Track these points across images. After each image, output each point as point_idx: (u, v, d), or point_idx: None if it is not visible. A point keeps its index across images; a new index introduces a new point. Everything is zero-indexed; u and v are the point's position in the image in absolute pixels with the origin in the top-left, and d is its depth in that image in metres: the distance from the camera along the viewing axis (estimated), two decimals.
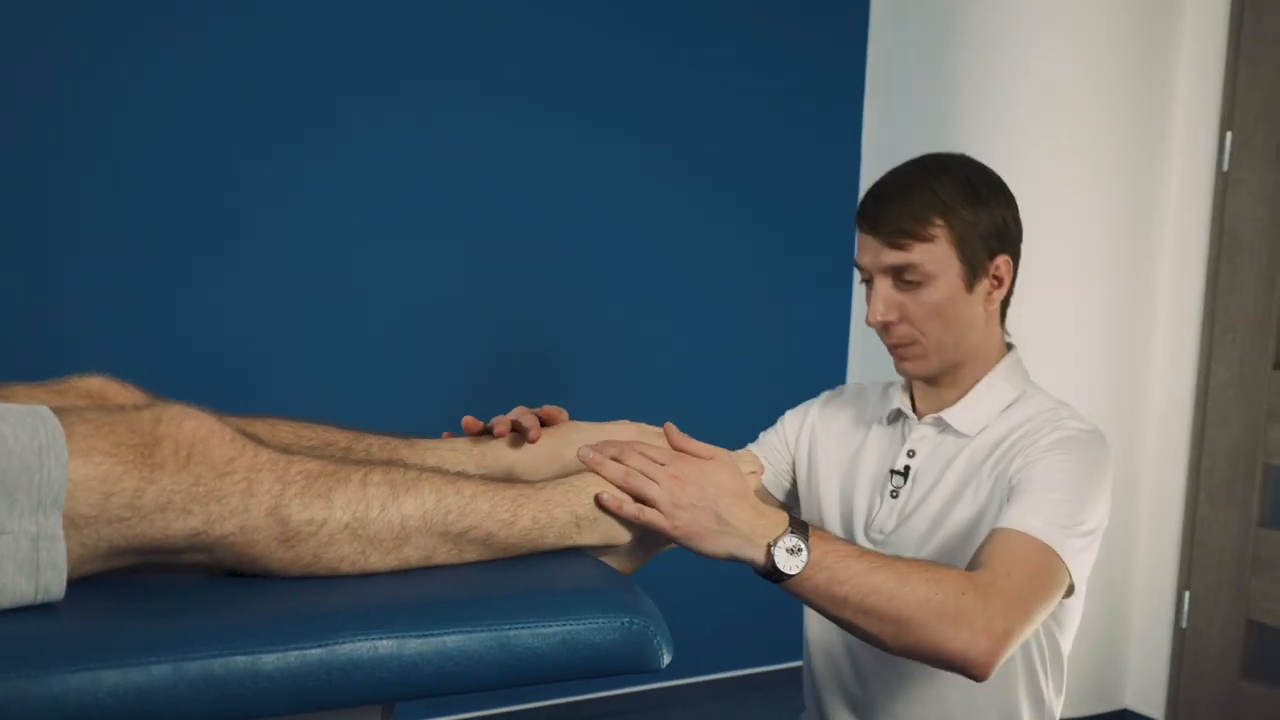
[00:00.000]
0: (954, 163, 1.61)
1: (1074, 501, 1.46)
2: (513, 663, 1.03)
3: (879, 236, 1.57)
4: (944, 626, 1.29)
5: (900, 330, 1.59)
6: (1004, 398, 1.63)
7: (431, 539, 1.11)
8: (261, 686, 0.93)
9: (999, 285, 1.60)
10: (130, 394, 1.20)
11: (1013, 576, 1.35)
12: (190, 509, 0.99)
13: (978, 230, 1.56)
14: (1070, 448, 1.51)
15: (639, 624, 1.08)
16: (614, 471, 1.27)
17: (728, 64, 3.38)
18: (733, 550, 1.29)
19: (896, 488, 1.65)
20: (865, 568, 1.30)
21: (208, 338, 2.76)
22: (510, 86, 3.07)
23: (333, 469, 1.07)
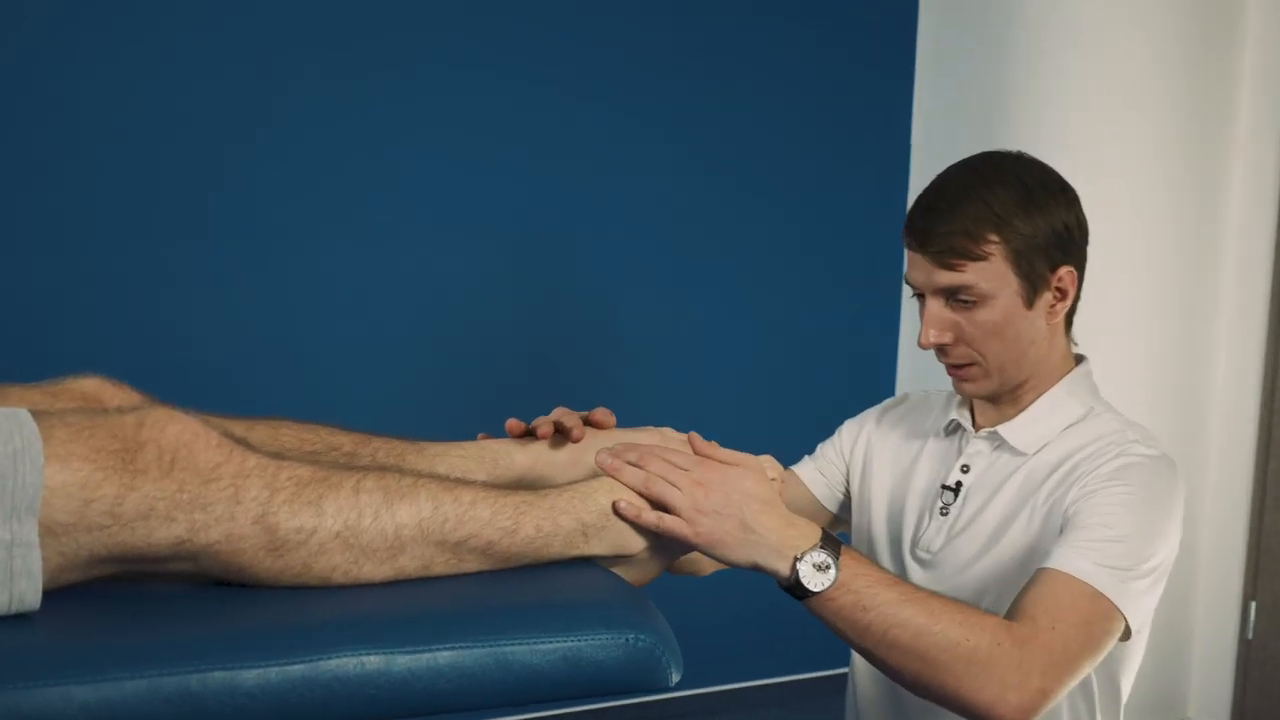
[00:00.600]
0: (1008, 165, 1.49)
1: (1134, 539, 1.36)
2: (510, 681, 0.99)
3: (929, 255, 1.46)
4: (972, 675, 1.22)
5: (957, 352, 1.50)
6: (1067, 415, 1.52)
7: (428, 548, 1.07)
8: (240, 703, 0.89)
9: (1062, 298, 1.49)
10: (126, 395, 1.17)
11: (1057, 629, 1.27)
12: (174, 517, 0.96)
13: (1036, 242, 1.45)
14: (1133, 477, 1.41)
15: (645, 641, 1.03)
16: (633, 477, 1.21)
17: (770, 60, 3.31)
18: (757, 560, 1.24)
19: (946, 504, 1.56)
20: (895, 598, 1.24)
21: (221, 339, 2.73)
22: (543, 81, 3.01)
23: (324, 475, 1.03)
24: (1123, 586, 1.32)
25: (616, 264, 3.17)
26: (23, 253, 2.55)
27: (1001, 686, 1.21)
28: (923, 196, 1.51)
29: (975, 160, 1.53)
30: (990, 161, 1.51)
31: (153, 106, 2.64)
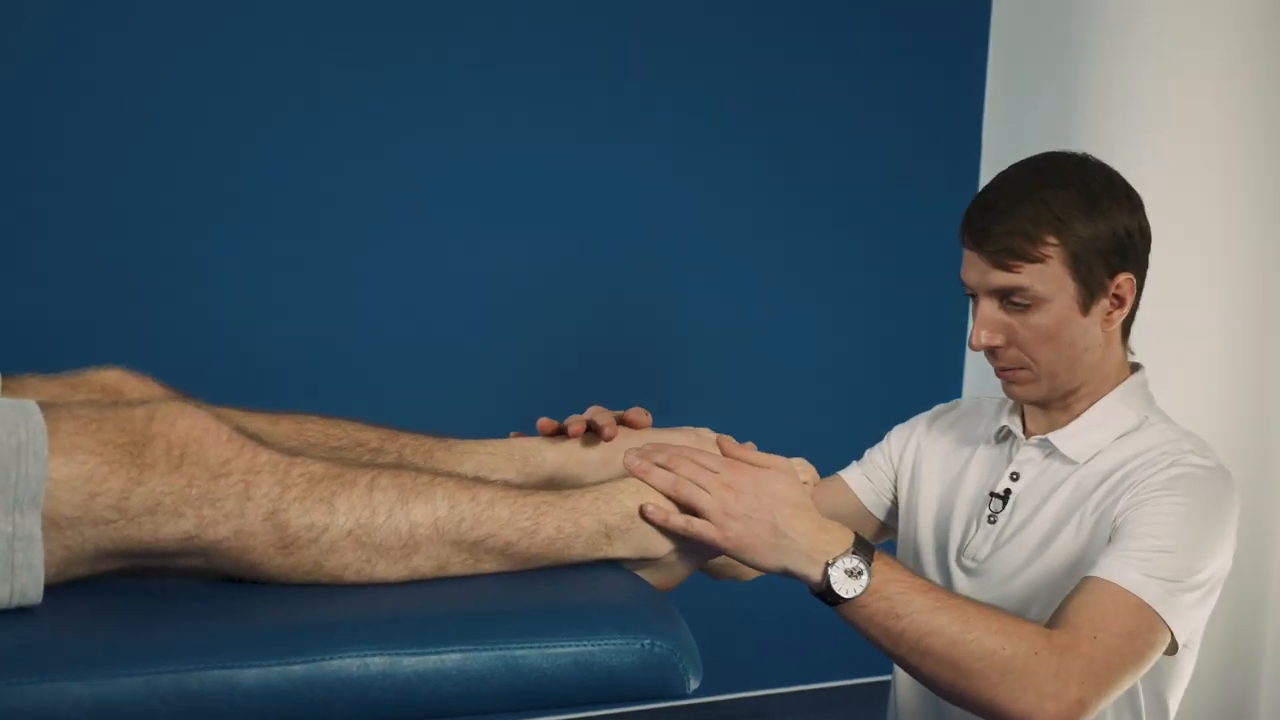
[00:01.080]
0: (1070, 166, 1.45)
1: (1185, 551, 1.31)
2: (519, 685, 0.96)
3: (984, 255, 1.43)
4: (1008, 685, 1.18)
5: (1008, 355, 1.46)
6: (1121, 424, 1.47)
7: (444, 548, 1.05)
8: (239, 703, 0.88)
9: (1119, 305, 1.45)
10: (148, 387, 1.16)
11: (1099, 639, 1.22)
12: (182, 512, 0.94)
13: (1095, 247, 1.40)
14: (1186, 487, 1.36)
15: (662, 646, 1.00)
16: (662, 479, 1.18)
17: (836, 61, 3.26)
18: (788, 565, 1.20)
19: (995, 512, 1.51)
20: (929, 604, 1.20)
21: (260, 334, 2.73)
22: (598, 78, 2.99)
23: (338, 472, 1.01)
24: (1170, 599, 1.27)
25: (671, 264, 3.14)
26: (62, 246, 2.57)
27: (1038, 695, 1.17)
28: (982, 195, 1.48)
29: (1038, 160, 1.49)
30: (1053, 162, 1.47)
31: (187, 97, 2.64)
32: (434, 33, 2.84)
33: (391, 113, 2.81)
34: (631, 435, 1.32)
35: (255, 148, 2.71)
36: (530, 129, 2.93)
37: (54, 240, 2.56)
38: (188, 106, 2.64)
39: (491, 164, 2.91)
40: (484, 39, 2.87)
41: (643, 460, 1.19)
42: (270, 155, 2.72)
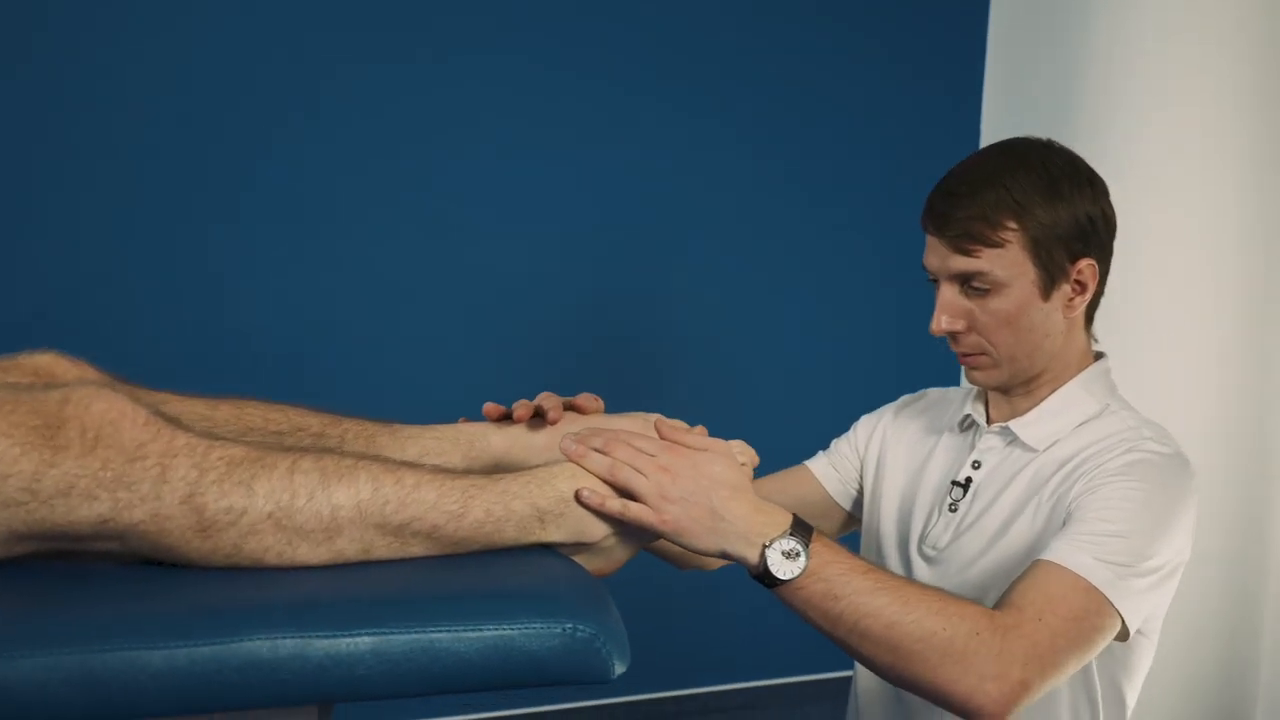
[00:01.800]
0: (1034, 152, 1.45)
1: (1138, 536, 1.30)
2: (435, 669, 0.95)
3: (945, 240, 1.43)
4: (948, 666, 1.16)
5: (968, 340, 1.46)
6: (1082, 411, 1.47)
7: (368, 531, 1.04)
8: (145, 685, 0.87)
9: (1081, 291, 1.44)
10: (81, 371, 1.16)
11: (1044, 620, 1.21)
12: (96, 495, 0.94)
13: (1056, 232, 1.40)
14: (1141, 473, 1.35)
15: (585, 631, 0.99)
16: (597, 464, 1.17)
17: (835, 54, 3.25)
18: (725, 548, 1.19)
19: (955, 500, 1.51)
20: (868, 585, 1.19)
21: (261, 327, 2.75)
22: (604, 77, 2.99)
23: (258, 455, 1.01)
24: (1120, 584, 1.26)
25: (671, 260, 3.14)
26: (65, 239, 2.59)
27: (979, 677, 1.16)
28: (944, 180, 1.47)
29: (1001, 146, 1.49)
30: (1015, 148, 1.46)
31: (197, 91, 2.66)
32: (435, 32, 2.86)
33: (392, 109, 2.81)
34: (578, 420, 1.32)
35: (258, 144, 2.72)
36: (529, 126, 2.93)
37: (57, 235, 2.58)
38: (197, 103, 2.66)
39: (492, 161, 2.91)
40: (485, 37, 2.88)
41: (579, 444, 1.18)
42: (274, 152, 2.74)
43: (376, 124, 2.81)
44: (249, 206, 2.73)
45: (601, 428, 1.23)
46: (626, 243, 3.09)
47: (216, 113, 2.68)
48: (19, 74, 2.50)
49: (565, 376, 2.93)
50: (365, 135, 2.80)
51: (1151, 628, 1.41)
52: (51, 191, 2.57)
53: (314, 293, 2.80)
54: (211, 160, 2.69)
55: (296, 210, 2.77)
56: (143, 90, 2.61)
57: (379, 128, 2.81)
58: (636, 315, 3.14)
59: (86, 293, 2.61)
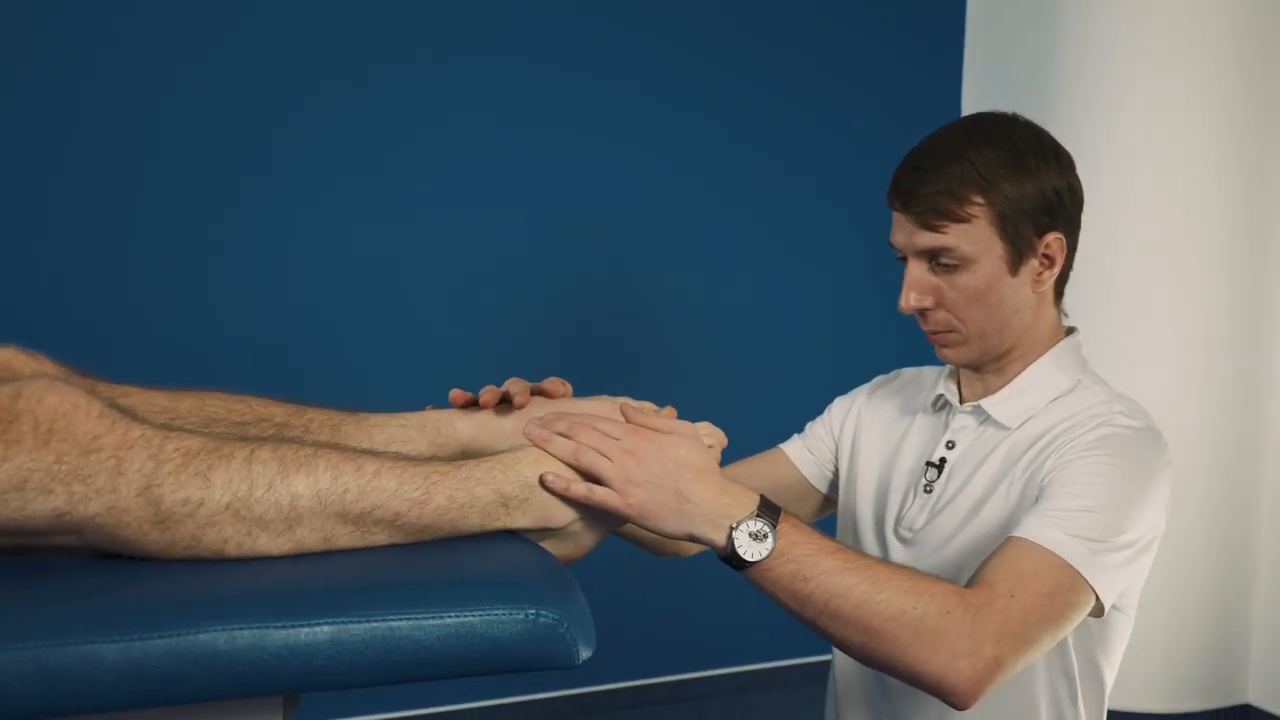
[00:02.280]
0: (999, 126, 1.44)
1: (1110, 511, 1.29)
2: (396, 658, 0.95)
3: (911, 216, 1.42)
4: (919, 645, 1.15)
5: (937, 317, 1.45)
6: (1054, 387, 1.46)
7: (328, 520, 1.04)
8: (101, 679, 0.87)
9: (1049, 265, 1.43)
10: (39, 365, 1.15)
11: (1016, 597, 1.20)
12: (50, 488, 0.94)
13: (1023, 206, 1.39)
14: (1114, 447, 1.34)
15: (548, 616, 0.99)
16: (562, 448, 1.16)
17: (816, 37, 3.24)
18: (692, 530, 1.19)
19: (930, 481, 1.50)
20: (837, 565, 1.18)
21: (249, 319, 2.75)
22: (568, 54, 2.99)
23: (215, 446, 1.00)
24: (1094, 559, 1.25)
25: (652, 248, 3.14)
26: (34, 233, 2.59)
27: (951, 655, 1.15)
28: (909, 156, 1.46)
29: (966, 121, 1.48)
30: (981, 123, 1.46)
31: (185, 87, 2.66)
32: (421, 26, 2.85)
33: (378, 100, 2.81)
34: (545, 405, 1.31)
35: (240, 135, 2.72)
36: (506, 117, 2.93)
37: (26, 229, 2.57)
38: (188, 101, 2.65)
39: (469, 151, 2.91)
40: (470, 31, 2.88)
41: (543, 429, 1.18)
42: (257, 142, 2.73)
43: (361, 116, 2.81)
44: (226, 196, 2.72)
45: (566, 412, 1.22)
46: (602, 229, 3.08)
47: (193, 103, 2.67)
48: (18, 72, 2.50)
49: (542, 363, 2.92)
50: (349, 128, 2.80)
51: (1127, 603, 1.40)
52: (19, 184, 2.56)
53: (294, 283, 2.79)
54: (188, 151, 2.68)
55: (276, 200, 2.76)
56: (129, 84, 2.61)
57: (363, 120, 2.81)
58: (611, 301, 3.13)
59: (56, 287, 2.60)
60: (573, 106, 3.00)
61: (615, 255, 3.11)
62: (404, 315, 2.90)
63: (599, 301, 3.10)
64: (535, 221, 3.00)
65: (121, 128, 2.61)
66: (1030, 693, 1.41)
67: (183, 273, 2.70)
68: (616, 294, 3.12)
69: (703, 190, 3.17)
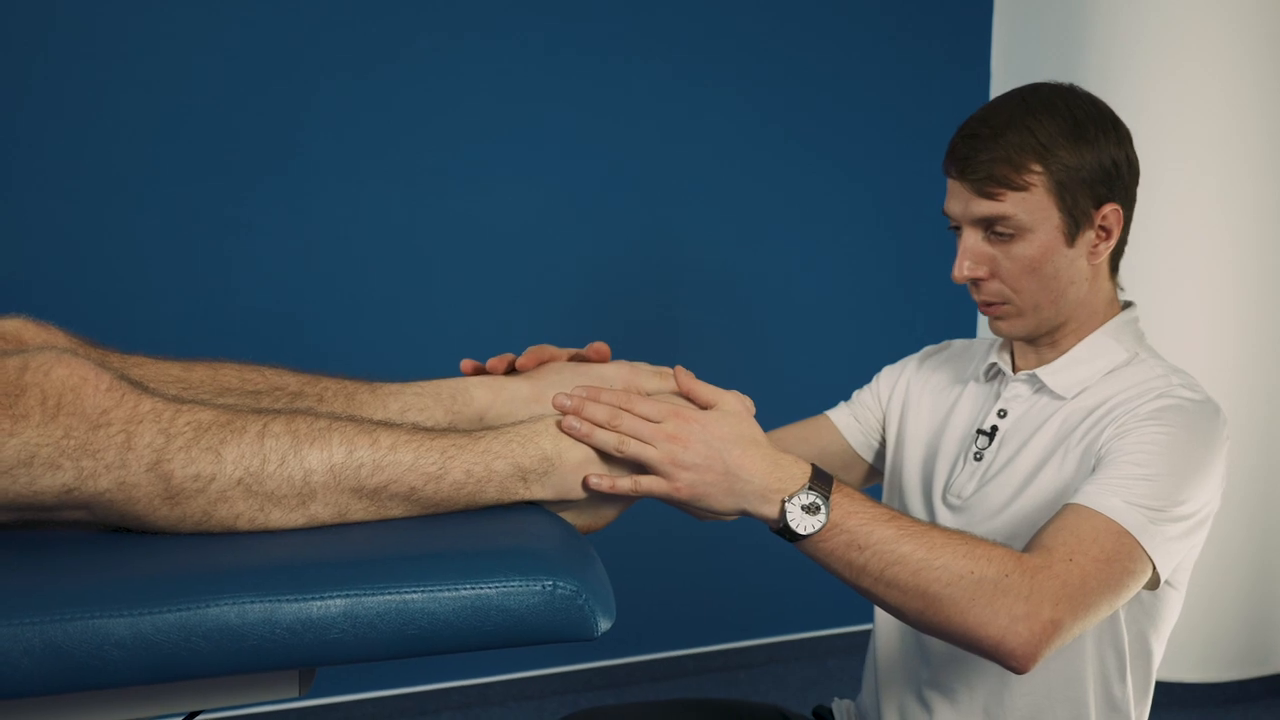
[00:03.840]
0: (1058, 96, 1.41)
1: (1168, 480, 1.26)
2: (411, 631, 0.93)
3: (968, 183, 1.39)
4: (978, 608, 1.13)
5: (991, 288, 1.42)
6: (1110, 359, 1.43)
7: (342, 495, 1.02)
8: (110, 655, 0.86)
9: (1106, 237, 1.41)
10: (49, 336, 1.14)
11: (1075, 561, 1.17)
12: (59, 464, 0.92)
13: (1081, 175, 1.37)
14: (1172, 418, 1.31)
15: (566, 588, 0.97)
16: (605, 440, 1.12)
17: (844, 15, 3.21)
18: (745, 507, 1.17)
19: (981, 449, 1.48)
20: (892, 534, 1.16)
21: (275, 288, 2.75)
22: (593, 34, 2.97)
23: (227, 419, 0.99)
24: (1152, 528, 1.23)
25: (684, 223, 3.13)
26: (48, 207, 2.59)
27: (1010, 618, 1.13)
28: (967, 124, 1.43)
29: (1024, 90, 1.45)
30: (1039, 92, 1.43)
31: (209, 67, 2.65)
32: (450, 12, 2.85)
33: (395, 76, 2.80)
34: (567, 371, 1.29)
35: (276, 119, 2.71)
36: (541, 97, 2.93)
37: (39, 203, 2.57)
38: (212, 64, 2.64)
39: (502, 130, 2.91)
40: (498, 10, 2.86)
41: (582, 422, 1.13)
42: (272, 116, 2.72)
43: (381, 96, 2.81)
44: (247, 173, 2.72)
45: (598, 393, 1.18)
46: (629, 206, 3.08)
47: (216, 82, 2.66)
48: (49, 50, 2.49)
49: (568, 333, 2.93)
50: (369, 108, 2.80)
51: (1179, 579, 1.38)
52: (47, 161, 2.56)
53: (313, 257, 2.79)
54: (211, 128, 2.68)
55: (295, 177, 2.75)
56: (155, 63, 2.60)
57: (384, 100, 2.82)
58: (639, 271, 3.11)
59: (71, 258, 2.60)
60: (604, 87, 2.99)
61: (642, 230, 3.09)
62: (426, 287, 2.89)
63: (625, 272, 3.08)
64: (564, 197, 2.98)
65: (146, 105, 2.61)
66: (1078, 667, 1.39)
67: (203, 246, 2.70)
68: (646, 267, 3.11)
69: (733, 167, 3.16)
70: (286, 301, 2.77)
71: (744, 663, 3.35)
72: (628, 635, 3.04)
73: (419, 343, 2.88)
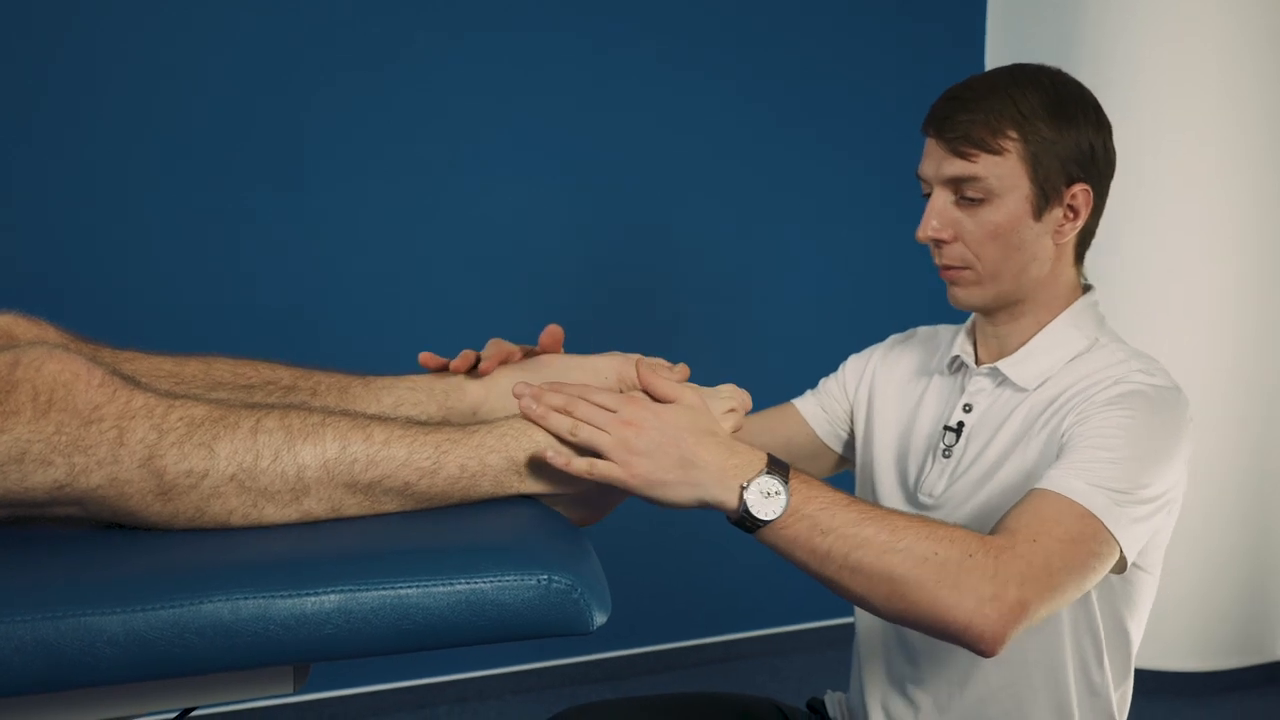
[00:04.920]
0: (1045, 74, 1.41)
1: (1131, 463, 1.25)
2: (406, 625, 0.93)
3: (944, 142, 1.39)
4: (944, 590, 1.11)
5: (953, 251, 1.42)
6: (1071, 347, 1.43)
7: (336, 490, 1.01)
8: (103, 653, 0.85)
9: (1073, 217, 1.40)
10: (41, 331, 1.13)
11: (1038, 542, 1.16)
12: (50, 460, 0.92)
13: (1056, 150, 1.37)
14: (1134, 403, 1.31)
15: (561, 582, 0.96)
16: (558, 424, 1.12)
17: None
18: (702, 496, 1.14)
19: (949, 446, 1.47)
20: (854, 518, 1.14)
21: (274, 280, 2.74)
22: (584, 22, 2.96)
23: (220, 414, 0.98)
24: (1116, 510, 1.22)
25: (678, 210, 3.12)
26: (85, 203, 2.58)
27: (977, 599, 1.11)
28: (950, 89, 1.44)
29: (1013, 66, 1.45)
30: (1027, 69, 1.43)
31: (217, 64, 2.64)
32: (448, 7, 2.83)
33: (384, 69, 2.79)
34: (557, 363, 1.29)
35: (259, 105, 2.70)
36: (537, 90, 2.92)
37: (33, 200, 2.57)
38: (205, 57, 2.63)
39: (490, 112, 2.89)
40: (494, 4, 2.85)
41: (539, 406, 1.13)
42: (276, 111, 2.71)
43: (382, 93, 2.80)
44: (245, 165, 2.71)
45: (560, 384, 1.18)
46: (623, 194, 3.07)
47: (205, 83, 2.65)
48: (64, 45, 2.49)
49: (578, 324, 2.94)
50: (370, 104, 2.79)
51: (1151, 561, 1.37)
52: (58, 158, 2.56)
53: (311, 249, 2.78)
54: (202, 127, 2.67)
55: (294, 171, 2.75)
56: (163, 58, 2.59)
57: (384, 96, 2.81)
58: (633, 261, 3.11)
59: (63, 254, 2.60)
60: (598, 75, 2.98)
61: (640, 223, 3.08)
62: (424, 280, 2.88)
63: (625, 265, 3.08)
64: (558, 186, 2.98)
65: (142, 103, 2.61)
66: (1057, 654, 1.38)
67: (199, 242, 2.69)
68: (639, 255, 3.10)
69: (725, 153, 3.14)
70: (284, 296, 2.77)
71: (740, 654, 3.35)
72: (623, 628, 3.03)
73: (417, 336, 2.87)
